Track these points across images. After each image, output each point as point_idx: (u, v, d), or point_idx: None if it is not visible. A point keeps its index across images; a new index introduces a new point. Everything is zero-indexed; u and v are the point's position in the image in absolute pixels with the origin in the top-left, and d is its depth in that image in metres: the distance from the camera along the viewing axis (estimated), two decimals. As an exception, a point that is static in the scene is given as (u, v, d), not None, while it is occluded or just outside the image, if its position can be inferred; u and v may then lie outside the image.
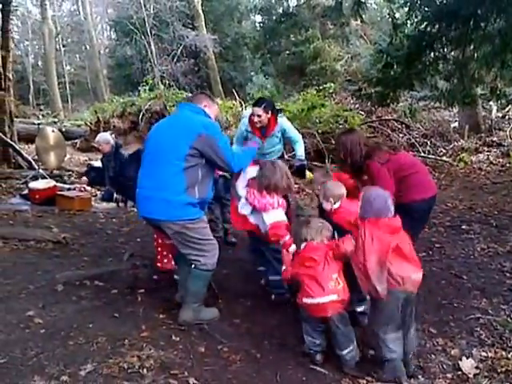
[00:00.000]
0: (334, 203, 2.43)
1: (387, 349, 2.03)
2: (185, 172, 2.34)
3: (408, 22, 5.30)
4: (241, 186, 2.69)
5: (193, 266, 2.47)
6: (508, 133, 8.71)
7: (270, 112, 3.45)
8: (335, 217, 2.43)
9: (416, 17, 5.15)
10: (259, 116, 3.41)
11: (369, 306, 2.29)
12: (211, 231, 2.60)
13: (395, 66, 5.40)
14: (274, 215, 2.56)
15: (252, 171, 2.67)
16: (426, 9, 5.05)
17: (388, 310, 2.04)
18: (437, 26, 5.05)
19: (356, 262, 2.08)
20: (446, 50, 5.23)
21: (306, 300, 2.19)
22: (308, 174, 3.45)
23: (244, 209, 2.66)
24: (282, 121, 3.65)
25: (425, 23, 5.12)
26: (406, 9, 5.19)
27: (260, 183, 2.59)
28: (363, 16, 6.86)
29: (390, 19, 5.64)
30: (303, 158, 3.71)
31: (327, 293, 2.13)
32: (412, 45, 5.21)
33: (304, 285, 2.20)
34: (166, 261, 3.29)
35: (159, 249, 3.28)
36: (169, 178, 2.34)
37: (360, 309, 2.44)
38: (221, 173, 3.25)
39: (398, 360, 2.04)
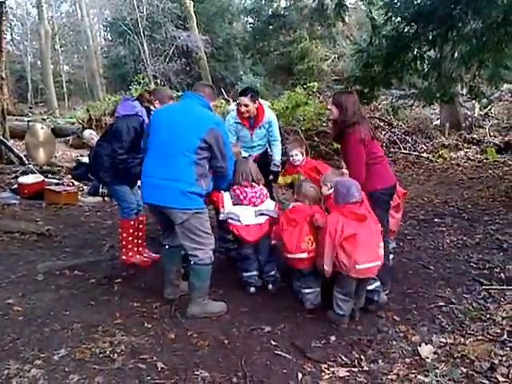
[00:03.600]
0: (330, 188, 2.60)
1: (338, 306, 2.47)
2: (195, 164, 2.42)
3: (387, 23, 5.42)
4: (230, 207, 2.77)
5: (192, 262, 2.51)
6: (487, 130, 8.90)
7: (256, 101, 3.44)
8: (328, 202, 2.62)
9: (394, 18, 5.27)
10: (246, 106, 3.38)
11: (379, 285, 2.63)
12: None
13: (375, 66, 5.51)
14: (268, 204, 2.83)
15: (227, 195, 2.82)
16: (404, 10, 5.18)
17: (341, 285, 2.46)
18: (414, 27, 5.19)
19: (319, 238, 2.48)
20: (423, 49, 5.35)
21: (286, 254, 2.64)
22: (280, 178, 3.58)
23: (248, 217, 2.74)
24: (269, 112, 3.64)
25: (403, 24, 5.27)
26: (385, 10, 5.30)
27: (245, 178, 2.81)
28: (347, 17, 7.03)
29: (369, 20, 5.76)
30: (279, 164, 3.77)
31: (300, 250, 2.55)
32: (390, 45, 5.34)
33: (284, 242, 2.60)
34: (130, 254, 3.35)
35: (124, 242, 3.32)
36: (182, 168, 2.41)
37: (371, 287, 2.57)
38: None
39: (344, 316, 2.47)
